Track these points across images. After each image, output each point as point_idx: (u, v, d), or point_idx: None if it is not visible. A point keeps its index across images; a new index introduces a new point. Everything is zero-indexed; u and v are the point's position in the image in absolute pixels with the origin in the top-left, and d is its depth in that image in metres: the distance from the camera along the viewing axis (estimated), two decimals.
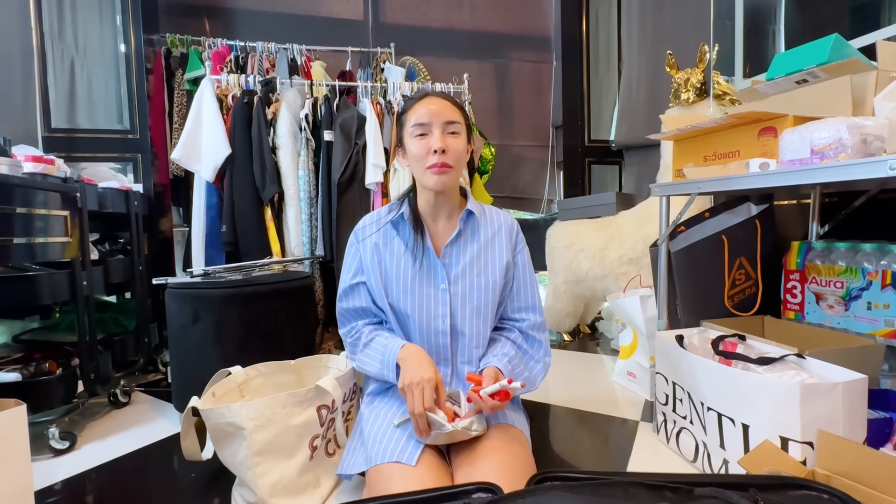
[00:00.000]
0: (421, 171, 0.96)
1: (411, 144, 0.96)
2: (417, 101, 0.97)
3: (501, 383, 0.85)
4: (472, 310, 0.99)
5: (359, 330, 1.04)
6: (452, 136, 0.95)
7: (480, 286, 0.99)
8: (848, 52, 1.09)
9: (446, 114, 0.94)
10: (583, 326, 2.50)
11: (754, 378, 0.91)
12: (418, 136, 0.94)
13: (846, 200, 1.36)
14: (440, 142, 0.92)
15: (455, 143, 0.95)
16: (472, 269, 0.99)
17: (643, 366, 1.58)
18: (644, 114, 2.49)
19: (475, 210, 1.01)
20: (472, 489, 0.65)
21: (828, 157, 0.82)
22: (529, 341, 1.04)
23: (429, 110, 0.94)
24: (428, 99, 0.96)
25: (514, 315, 1.05)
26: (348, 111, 2.03)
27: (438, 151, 0.92)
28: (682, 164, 1.25)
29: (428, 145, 0.93)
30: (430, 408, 0.85)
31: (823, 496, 0.60)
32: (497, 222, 1.05)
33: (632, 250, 1.87)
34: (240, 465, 0.95)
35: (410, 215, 1.01)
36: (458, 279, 0.99)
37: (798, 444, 0.84)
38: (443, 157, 0.92)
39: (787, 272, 1.30)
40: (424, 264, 0.99)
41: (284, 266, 1.76)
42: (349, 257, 1.06)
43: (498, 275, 1.00)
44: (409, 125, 0.96)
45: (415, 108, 0.96)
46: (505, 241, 1.03)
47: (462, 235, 1.01)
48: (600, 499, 0.55)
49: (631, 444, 1.25)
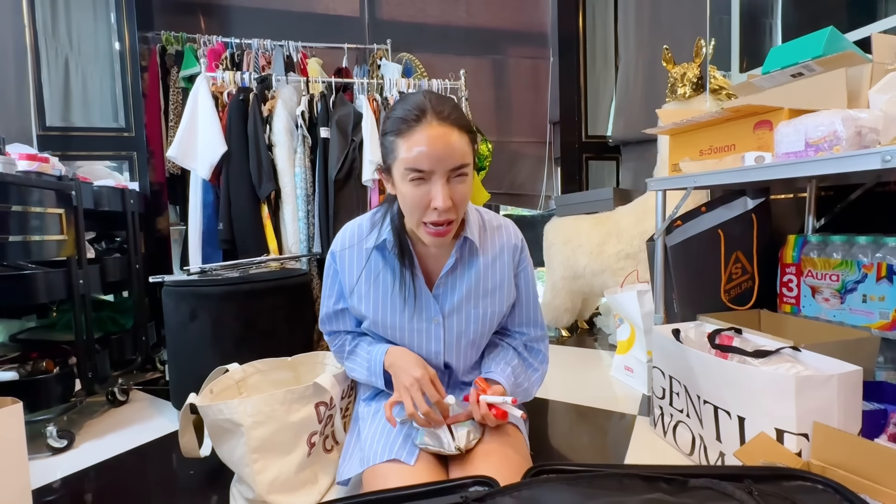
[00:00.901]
0: (415, 221, 0.77)
1: (404, 186, 0.75)
2: (412, 125, 0.72)
3: (506, 399, 0.82)
4: (468, 343, 0.91)
5: (342, 338, 1.01)
6: (459, 180, 0.74)
7: (477, 318, 0.89)
8: (843, 45, 1.09)
9: (454, 156, 0.72)
10: (580, 322, 2.50)
11: (750, 371, 0.91)
12: (415, 180, 0.73)
13: (842, 194, 1.37)
14: (444, 199, 0.71)
15: (462, 191, 0.75)
16: (468, 302, 0.89)
17: (640, 360, 1.59)
18: (641, 109, 2.49)
19: (473, 236, 0.86)
20: (469, 483, 0.66)
21: (822, 149, 0.83)
22: (530, 351, 1.01)
23: (431, 152, 0.70)
24: (427, 126, 0.71)
25: (515, 328, 1.00)
26: (345, 108, 2.03)
27: (441, 209, 0.73)
28: (679, 159, 1.25)
29: (428, 197, 0.73)
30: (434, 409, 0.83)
31: (818, 486, 0.61)
32: (498, 245, 0.90)
33: (629, 245, 1.88)
34: (238, 462, 0.95)
35: (396, 244, 0.85)
36: (453, 313, 0.88)
37: (793, 436, 0.85)
38: (446, 215, 0.74)
39: (783, 266, 1.31)
40: (415, 297, 0.88)
41: (281, 263, 1.76)
42: (329, 280, 0.95)
43: (497, 305, 0.90)
44: (401, 162, 0.73)
45: (408, 138, 0.72)
46: (507, 265, 0.90)
47: (458, 265, 0.87)
48: (596, 490, 0.55)
49: (628, 439, 1.25)
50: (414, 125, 0.72)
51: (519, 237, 0.94)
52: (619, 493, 0.53)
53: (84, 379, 1.39)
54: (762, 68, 1.22)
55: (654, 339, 1.21)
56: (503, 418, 0.83)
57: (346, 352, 1.01)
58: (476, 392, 0.84)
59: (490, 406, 0.82)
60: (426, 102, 0.73)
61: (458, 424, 0.86)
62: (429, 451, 0.86)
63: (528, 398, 0.99)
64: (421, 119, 0.72)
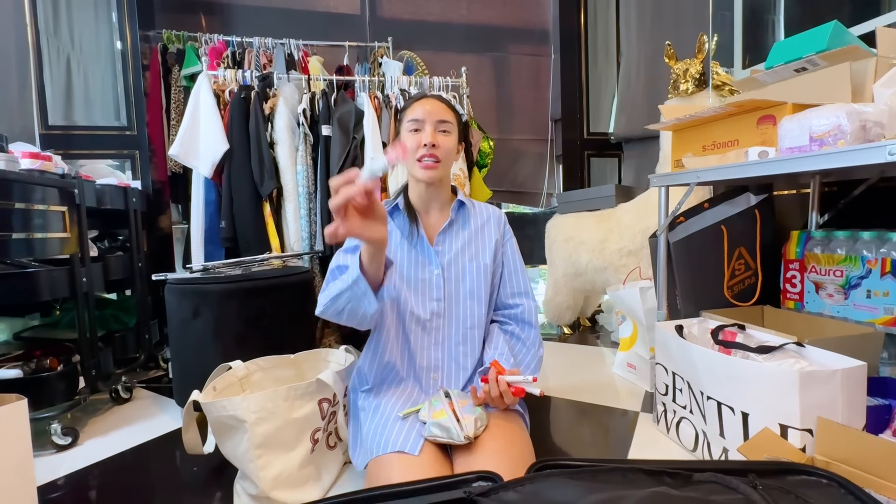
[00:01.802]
0: (412, 163, 1.03)
1: (406, 139, 1.03)
2: (416, 100, 1.05)
3: (527, 378, 0.86)
4: (466, 292, 1.04)
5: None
6: (443, 133, 1.02)
7: (472, 270, 1.05)
8: (847, 39, 1.08)
9: (439, 113, 1.02)
10: (583, 319, 2.50)
11: (754, 366, 0.91)
12: (412, 131, 1.02)
13: (845, 189, 1.36)
14: (431, 137, 1.00)
15: (445, 141, 1.02)
16: (463, 255, 1.06)
17: (643, 357, 1.59)
18: (643, 106, 2.48)
19: (466, 202, 1.10)
20: (473, 478, 0.65)
21: (827, 143, 0.82)
22: (524, 329, 1.09)
23: (424, 109, 1.02)
24: (424, 99, 1.04)
25: (509, 300, 1.09)
26: (346, 105, 2.02)
27: (428, 145, 0.99)
28: (682, 155, 1.24)
29: (419, 140, 1.01)
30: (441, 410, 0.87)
31: (822, 481, 0.60)
32: (486, 213, 1.13)
33: (631, 242, 1.87)
34: (241, 458, 0.96)
35: (405, 206, 1.08)
36: (451, 264, 1.05)
37: (797, 432, 0.84)
38: (432, 151, 1.00)
39: (787, 261, 1.30)
40: (418, 251, 1.05)
41: (284, 261, 1.76)
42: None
43: (488, 258, 1.06)
44: (406, 121, 1.04)
45: (412, 107, 1.04)
46: (493, 229, 1.10)
47: (454, 224, 1.08)
48: (599, 484, 0.55)
49: (631, 435, 1.25)
50: (418, 99, 1.05)
51: (502, 213, 1.14)
52: (623, 487, 0.52)
53: (88, 377, 1.40)
54: (765, 63, 1.22)
55: (656, 336, 1.21)
56: (521, 395, 0.88)
57: (328, 286, 0.94)
58: (495, 372, 0.90)
59: (509, 385, 0.87)
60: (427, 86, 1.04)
61: (464, 413, 0.87)
62: (437, 443, 0.87)
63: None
64: (421, 97, 1.05)
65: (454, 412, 0.88)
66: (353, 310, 0.89)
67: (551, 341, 2.23)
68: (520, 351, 1.05)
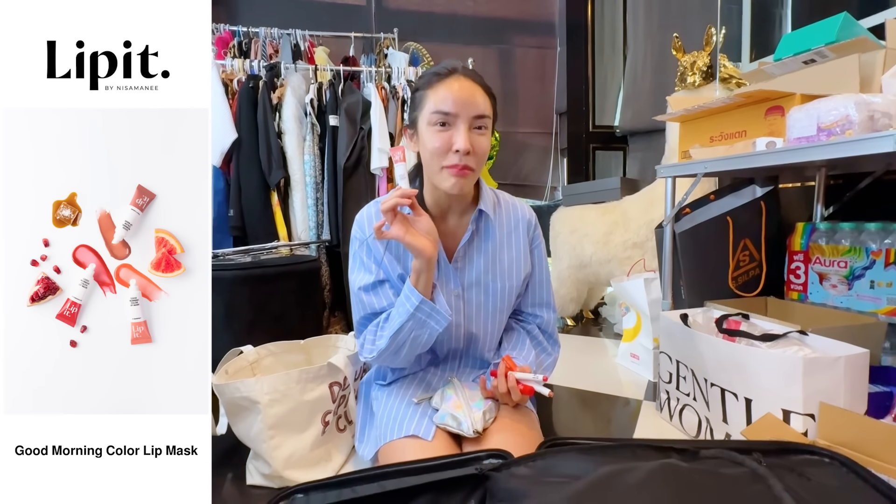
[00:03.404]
0: (436, 167, 0.80)
1: (428, 134, 0.79)
2: (441, 78, 0.79)
3: (537, 377, 0.82)
4: (488, 315, 0.92)
5: (376, 324, 0.89)
6: (479, 132, 0.79)
7: (496, 291, 0.90)
8: (856, 30, 1.09)
9: (477, 105, 0.78)
10: (586, 311, 2.52)
11: (758, 353, 0.93)
12: (438, 124, 0.78)
13: (851, 182, 1.37)
14: (465, 141, 0.76)
15: (481, 143, 0.80)
16: (486, 275, 0.90)
17: (646, 347, 1.61)
18: (649, 99, 2.48)
19: (488, 209, 0.89)
20: (484, 455, 0.67)
21: (835, 133, 0.83)
22: (546, 337, 1.01)
23: (456, 98, 0.77)
24: (455, 78, 0.78)
25: (529, 310, 1.00)
26: (353, 96, 2.03)
27: (462, 152, 0.77)
28: (689, 146, 1.25)
29: (450, 141, 0.77)
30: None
31: (825, 460, 0.62)
32: (514, 217, 0.93)
33: (636, 234, 1.89)
34: (255, 439, 0.98)
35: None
36: (473, 285, 0.90)
37: (800, 416, 0.86)
38: (466, 160, 0.78)
39: (791, 253, 1.32)
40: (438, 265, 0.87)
41: (291, 250, 1.78)
42: (361, 254, 0.89)
43: (515, 279, 0.92)
44: (428, 109, 0.79)
45: (437, 88, 0.78)
46: (522, 239, 0.93)
47: (475, 237, 0.90)
48: (609, 458, 0.57)
49: (634, 423, 1.27)
50: (444, 77, 0.79)
51: (532, 214, 0.97)
52: (633, 460, 0.54)
53: None
54: (774, 55, 1.22)
55: (661, 325, 1.23)
56: (529, 393, 0.84)
57: (380, 327, 0.86)
58: (505, 367, 0.84)
59: (518, 381, 0.83)
60: (457, 64, 0.81)
61: (475, 406, 0.87)
62: (447, 432, 0.88)
63: None
64: (451, 73, 0.79)
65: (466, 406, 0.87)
66: (416, 339, 0.81)
67: None
68: (544, 360, 0.99)
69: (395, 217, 0.75)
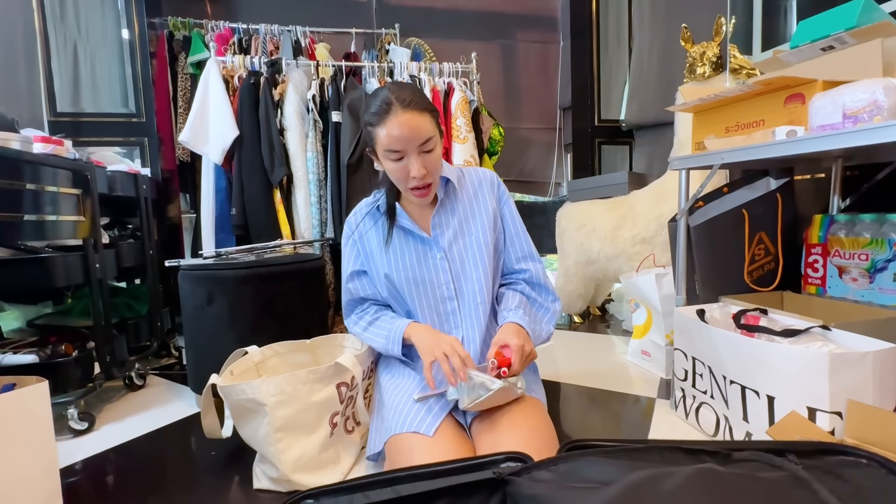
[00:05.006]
0: (402, 188, 0.97)
1: (387, 164, 0.94)
2: (384, 117, 0.89)
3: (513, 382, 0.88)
4: (472, 268, 1.01)
5: (365, 309, 1.11)
6: (428, 154, 0.92)
7: (473, 244, 1.02)
8: (878, 15, 1.05)
9: (419, 134, 0.89)
10: (593, 308, 2.49)
11: (781, 349, 0.90)
12: (393, 159, 0.92)
13: (867, 173, 1.33)
14: (418, 168, 0.90)
15: (432, 160, 0.93)
16: (461, 232, 1.02)
17: (658, 344, 1.57)
18: (656, 92, 2.44)
19: (451, 176, 1.03)
20: (501, 458, 0.64)
21: (862, 120, 0.80)
22: (536, 289, 1.07)
23: (400, 135, 0.88)
24: (396, 118, 0.88)
25: (516, 266, 1.07)
26: (356, 91, 2.00)
27: (418, 178, 0.92)
28: (703, 137, 1.22)
29: (406, 170, 0.92)
30: (464, 366, 0.87)
31: (861, 461, 0.59)
32: (476, 179, 1.07)
33: (645, 229, 1.85)
34: (262, 442, 0.95)
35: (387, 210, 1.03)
36: (452, 244, 1.01)
37: (826, 415, 0.83)
38: (423, 180, 0.93)
39: (809, 246, 1.28)
40: (417, 241, 1.02)
41: (295, 248, 1.75)
42: (347, 249, 1.10)
43: (488, 227, 1.02)
44: (381, 146, 0.92)
45: (383, 126, 0.89)
46: (487, 194, 1.05)
47: (445, 204, 1.03)
48: (636, 462, 0.54)
49: (648, 421, 1.24)
50: (384, 116, 0.89)
51: (494, 174, 1.09)
52: (664, 465, 0.51)
53: (103, 363, 1.40)
54: (790, 42, 1.19)
55: (676, 321, 1.20)
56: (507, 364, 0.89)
57: (367, 322, 1.09)
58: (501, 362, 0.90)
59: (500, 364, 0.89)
60: (390, 96, 0.90)
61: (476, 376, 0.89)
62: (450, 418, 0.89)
63: (545, 337, 1.05)
64: (389, 110, 0.89)
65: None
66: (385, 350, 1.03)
67: (561, 330, 2.21)
68: (538, 311, 1.05)
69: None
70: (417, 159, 0.90)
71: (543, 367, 1.69)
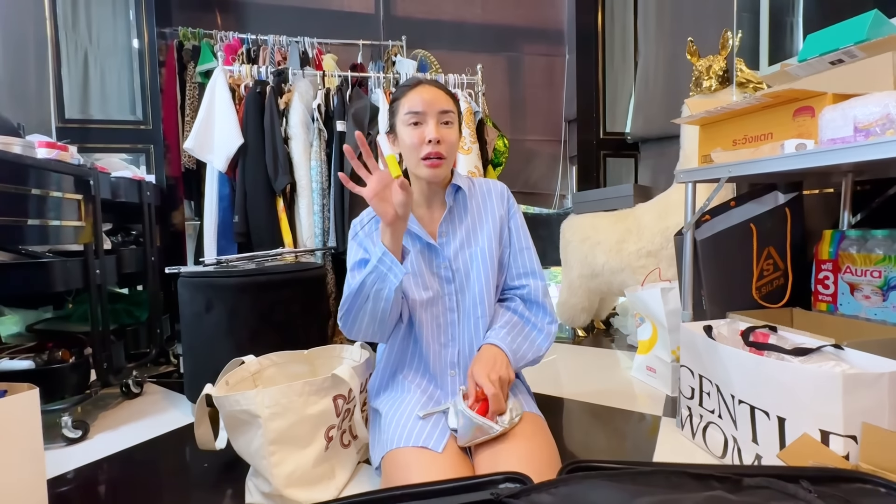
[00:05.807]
0: (415, 161, 0.95)
1: (404, 133, 0.95)
2: (410, 88, 0.96)
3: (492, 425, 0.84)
4: (475, 280, 0.98)
5: None
6: (446, 126, 0.94)
7: (478, 255, 0.99)
8: (887, 28, 1.04)
9: (440, 103, 0.93)
10: (597, 322, 2.45)
11: (793, 368, 0.87)
12: (412, 124, 0.93)
13: (878, 189, 1.31)
14: (434, 132, 0.91)
15: (449, 134, 0.94)
16: (468, 242, 1.00)
17: (664, 360, 1.54)
18: (661, 105, 2.44)
19: (462, 184, 1.01)
20: (500, 479, 0.62)
21: (874, 133, 0.78)
22: (531, 307, 1.02)
23: (423, 99, 0.93)
24: (421, 87, 0.95)
25: (515, 282, 1.04)
26: (361, 101, 2.01)
27: (433, 142, 0.91)
28: (710, 150, 1.20)
29: (422, 135, 0.92)
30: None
31: (880, 489, 0.56)
32: (486, 189, 1.05)
33: (650, 243, 1.83)
34: (254, 454, 0.93)
35: None
36: (458, 254, 0.99)
37: (840, 438, 0.80)
38: (437, 148, 0.92)
39: (819, 262, 1.25)
40: (422, 247, 0.99)
41: (297, 256, 1.74)
42: (354, 243, 1.03)
43: (494, 239, 1.00)
44: (402, 112, 0.95)
45: (408, 96, 0.95)
46: (496, 205, 1.03)
47: (453, 211, 1.02)
48: (641, 487, 0.51)
49: (654, 440, 1.20)
50: (412, 87, 0.96)
51: (504, 186, 1.07)
52: (670, 491, 0.49)
53: (99, 370, 1.38)
54: (798, 56, 1.18)
55: (682, 337, 1.17)
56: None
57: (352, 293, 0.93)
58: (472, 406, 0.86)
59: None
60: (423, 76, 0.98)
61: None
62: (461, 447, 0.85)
63: (531, 358, 0.98)
64: (417, 84, 0.96)
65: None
66: (378, 294, 0.87)
67: (564, 343, 2.18)
68: (531, 330, 0.99)
69: (378, 183, 0.82)
70: (435, 125, 0.92)
71: (545, 381, 1.66)
